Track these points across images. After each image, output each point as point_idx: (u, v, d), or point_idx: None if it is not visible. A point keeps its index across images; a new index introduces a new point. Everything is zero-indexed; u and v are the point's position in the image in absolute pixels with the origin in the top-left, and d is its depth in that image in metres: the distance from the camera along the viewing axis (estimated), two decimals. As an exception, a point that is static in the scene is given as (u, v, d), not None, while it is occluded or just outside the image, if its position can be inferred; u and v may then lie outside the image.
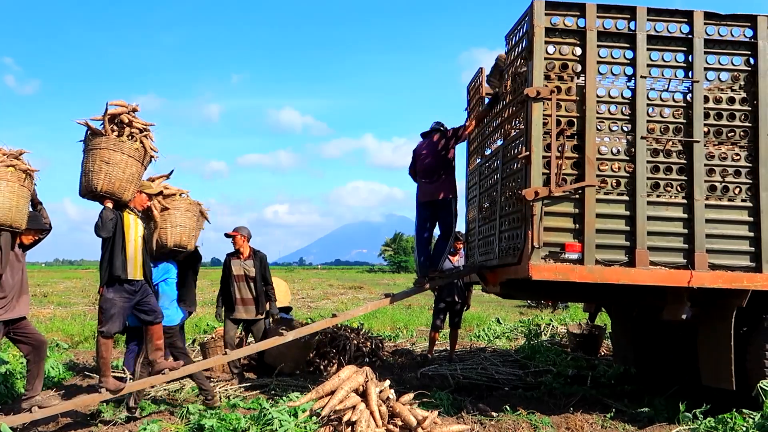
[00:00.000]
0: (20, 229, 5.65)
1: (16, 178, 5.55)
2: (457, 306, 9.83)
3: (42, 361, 6.01)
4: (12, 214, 5.49)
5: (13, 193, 5.51)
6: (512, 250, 6.24)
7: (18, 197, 5.55)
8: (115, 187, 5.84)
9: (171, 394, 7.42)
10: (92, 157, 5.80)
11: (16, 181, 5.55)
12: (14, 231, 5.63)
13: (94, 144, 5.82)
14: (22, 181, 5.60)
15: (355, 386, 4.55)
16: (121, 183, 5.87)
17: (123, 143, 5.87)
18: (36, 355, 5.87)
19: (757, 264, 5.89)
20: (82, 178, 5.91)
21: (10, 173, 5.51)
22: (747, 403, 5.70)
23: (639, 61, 5.88)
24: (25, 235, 5.86)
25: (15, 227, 5.58)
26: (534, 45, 5.79)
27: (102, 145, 5.79)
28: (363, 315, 14.37)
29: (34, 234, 5.96)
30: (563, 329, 12.54)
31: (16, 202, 5.53)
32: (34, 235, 5.98)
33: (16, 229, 5.61)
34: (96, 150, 5.80)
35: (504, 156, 6.75)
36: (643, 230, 5.81)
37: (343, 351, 9.17)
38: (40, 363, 5.92)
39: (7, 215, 5.46)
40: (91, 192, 5.85)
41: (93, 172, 5.79)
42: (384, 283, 40.26)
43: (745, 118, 6.03)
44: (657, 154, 5.94)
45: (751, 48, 6.02)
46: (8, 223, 5.49)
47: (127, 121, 5.91)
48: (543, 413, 6.45)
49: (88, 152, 5.86)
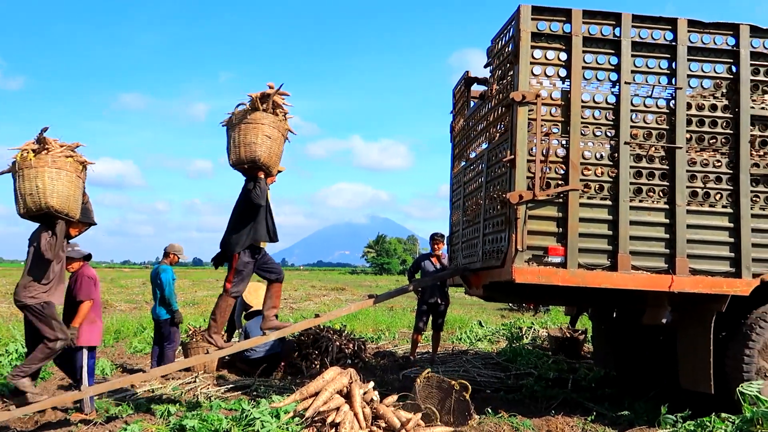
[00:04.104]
0: (74, 218, 5.91)
1: (74, 168, 5.80)
2: (440, 308, 9.86)
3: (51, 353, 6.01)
4: (69, 203, 5.76)
5: (71, 183, 5.77)
6: (496, 253, 6.27)
7: (75, 187, 5.82)
8: (272, 161, 6.31)
9: (152, 392, 7.37)
10: (252, 130, 6.13)
11: (74, 172, 5.80)
12: (69, 219, 5.87)
13: (255, 118, 6.14)
14: (78, 172, 5.87)
15: (339, 388, 4.55)
16: (275, 158, 6.38)
17: (281, 122, 6.33)
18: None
19: (737, 269, 5.96)
20: (238, 149, 6.20)
21: (69, 164, 5.75)
22: (726, 407, 5.76)
23: (623, 67, 5.93)
24: (74, 226, 6.10)
25: (70, 216, 5.83)
26: (520, 49, 5.82)
27: (265, 121, 6.16)
28: (345, 316, 14.36)
29: (81, 226, 6.23)
30: (544, 332, 12.61)
31: (73, 191, 5.79)
32: (81, 227, 6.24)
33: (71, 218, 5.86)
34: (258, 125, 6.14)
35: (489, 159, 6.78)
36: (625, 235, 5.86)
37: (326, 352, 9.16)
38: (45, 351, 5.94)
39: (66, 204, 5.71)
40: (251, 162, 6.21)
41: (255, 144, 6.14)
42: (366, 284, 40.23)
43: (726, 126, 6.10)
44: (640, 159, 5.99)
45: (733, 56, 6.10)
46: (65, 211, 5.74)
47: (278, 103, 6.30)
48: (524, 416, 6.49)
49: (241, 125, 6.16)
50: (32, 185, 5.60)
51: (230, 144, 6.32)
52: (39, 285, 5.83)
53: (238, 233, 6.44)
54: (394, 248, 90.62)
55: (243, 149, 6.17)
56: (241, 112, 6.25)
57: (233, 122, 6.27)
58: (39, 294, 5.82)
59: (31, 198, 5.63)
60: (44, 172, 5.60)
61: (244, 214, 6.47)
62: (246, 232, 6.42)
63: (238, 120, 6.21)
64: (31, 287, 5.82)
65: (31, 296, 5.81)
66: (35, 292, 5.82)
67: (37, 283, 5.83)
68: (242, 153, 6.19)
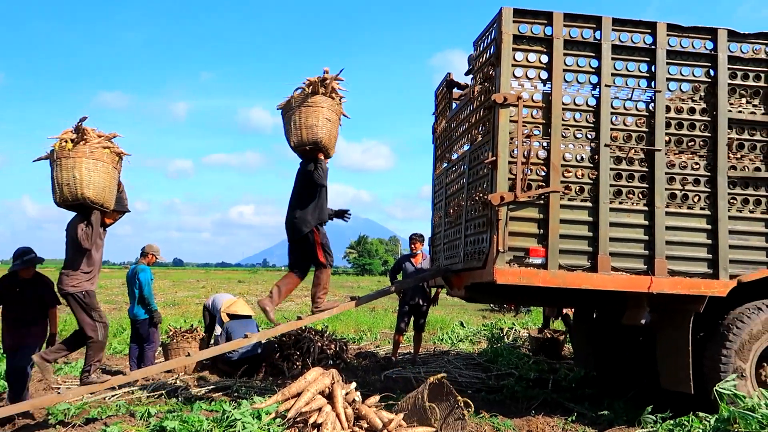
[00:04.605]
0: (110, 209, 6.02)
1: (110, 159, 5.88)
2: (422, 309, 9.87)
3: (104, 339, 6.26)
4: (105, 194, 5.86)
5: (107, 173, 5.86)
6: (477, 254, 6.29)
7: (111, 178, 5.91)
8: (331, 144, 6.52)
9: (132, 393, 7.30)
10: (313, 113, 6.29)
11: (110, 163, 5.89)
12: (104, 210, 5.96)
13: (315, 102, 6.29)
14: (114, 163, 5.96)
15: (321, 388, 4.55)
16: (333, 140, 6.61)
17: (338, 106, 6.49)
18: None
19: (715, 271, 6.04)
20: (300, 132, 6.36)
21: (106, 154, 5.83)
22: (704, 407, 5.83)
23: (604, 70, 5.99)
24: (109, 216, 6.20)
25: (105, 206, 5.95)
26: (502, 51, 5.86)
27: (324, 104, 6.31)
28: (327, 318, 14.31)
29: (115, 214, 6.32)
30: (525, 333, 12.67)
31: (109, 182, 5.89)
32: (116, 215, 6.34)
33: (106, 209, 5.96)
34: (318, 108, 6.29)
35: (471, 161, 6.81)
36: (605, 236, 5.91)
37: (308, 353, 9.14)
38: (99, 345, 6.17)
39: (101, 194, 5.82)
40: (314, 144, 6.40)
41: (317, 126, 6.31)
42: (348, 285, 40.21)
43: (704, 129, 6.18)
44: (620, 161, 6.05)
45: (711, 60, 6.18)
46: (101, 201, 5.84)
47: (334, 88, 6.46)
48: (505, 416, 6.52)
49: (302, 108, 6.31)
50: (69, 175, 5.71)
51: (290, 127, 6.48)
52: (81, 273, 5.98)
53: (304, 214, 6.74)
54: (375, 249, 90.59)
55: (305, 131, 6.33)
56: (300, 96, 6.40)
57: (292, 105, 6.42)
58: (82, 282, 5.97)
59: (68, 188, 5.73)
60: (81, 163, 5.71)
61: (307, 195, 6.74)
62: (311, 211, 6.72)
63: (299, 103, 6.35)
64: (74, 276, 5.95)
65: (74, 285, 5.95)
66: (77, 281, 5.96)
67: (80, 271, 5.97)
68: (304, 135, 6.36)
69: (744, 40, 6.22)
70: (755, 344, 6.04)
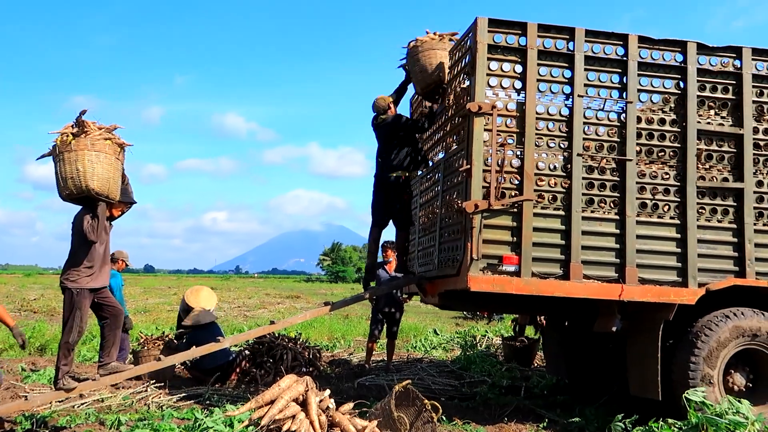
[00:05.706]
0: (115, 200, 6.00)
1: (112, 151, 5.89)
2: (395, 316, 9.88)
3: (118, 329, 6.31)
4: (109, 185, 5.85)
5: (110, 165, 5.86)
6: (451, 261, 6.33)
7: (114, 169, 5.91)
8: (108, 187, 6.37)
9: (101, 401, 7.20)
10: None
11: (113, 154, 5.89)
12: (109, 202, 5.94)
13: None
14: (117, 155, 5.96)
15: (295, 395, 4.53)
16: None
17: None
18: (113, 323, 6.22)
19: (684, 279, 6.14)
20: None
21: (108, 146, 5.83)
22: (673, 413, 5.90)
23: (576, 80, 6.08)
24: (116, 207, 6.18)
25: (111, 198, 5.94)
26: (477, 61, 5.91)
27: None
28: (300, 324, 14.27)
29: (122, 206, 6.29)
30: (498, 340, 12.73)
31: (113, 173, 5.88)
32: (123, 207, 6.30)
33: (111, 200, 5.95)
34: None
35: (445, 168, 6.85)
36: (577, 244, 5.98)
37: (281, 360, 9.08)
38: (116, 331, 6.25)
39: (105, 186, 5.81)
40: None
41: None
42: (321, 292, 40.05)
43: (674, 139, 6.29)
44: (592, 171, 6.13)
45: (681, 72, 6.30)
46: (105, 193, 5.83)
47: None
48: (478, 423, 6.55)
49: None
50: (72, 168, 5.71)
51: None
52: (83, 269, 5.93)
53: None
54: (349, 256, 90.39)
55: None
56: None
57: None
58: (82, 278, 5.92)
59: (72, 181, 5.74)
60: (84, 155, 5.71)
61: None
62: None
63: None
64: (75, 271, 5.92)
65: (72, 280, 5.91)
66: (77, 277, 5.92)
67: (81, 266, 5.92)
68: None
69: (713, 53, 6.36)
70: (723, 351, 6.14)
